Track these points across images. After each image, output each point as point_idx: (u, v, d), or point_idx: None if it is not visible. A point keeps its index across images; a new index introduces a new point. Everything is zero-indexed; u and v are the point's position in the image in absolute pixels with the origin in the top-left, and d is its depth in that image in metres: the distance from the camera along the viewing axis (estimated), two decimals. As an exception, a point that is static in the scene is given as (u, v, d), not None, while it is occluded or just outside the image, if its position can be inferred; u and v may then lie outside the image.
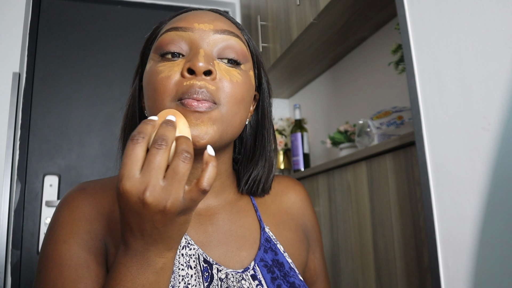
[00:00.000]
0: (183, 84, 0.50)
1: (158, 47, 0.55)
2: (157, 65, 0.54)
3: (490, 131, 0.69)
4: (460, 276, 0.75)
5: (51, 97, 1.90)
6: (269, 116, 0.64)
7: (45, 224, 1.76)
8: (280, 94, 2.30)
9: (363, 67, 1.72)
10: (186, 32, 0.54)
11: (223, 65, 0.54)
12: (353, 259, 1.20)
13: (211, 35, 0.54)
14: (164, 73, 0.52)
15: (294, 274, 0.57)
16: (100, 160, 1.90)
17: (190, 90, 0.50)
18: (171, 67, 0.52)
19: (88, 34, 2.01)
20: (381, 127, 1.21)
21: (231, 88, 0.53)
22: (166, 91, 0.51)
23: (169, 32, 0.55)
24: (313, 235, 0.68)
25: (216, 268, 0.53)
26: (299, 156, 1.74)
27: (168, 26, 0.57)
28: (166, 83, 0.51)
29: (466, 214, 0.74)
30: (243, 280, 0.54)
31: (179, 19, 0.56)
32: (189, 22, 0.55)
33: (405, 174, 0.98)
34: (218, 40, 0.54)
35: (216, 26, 0.55)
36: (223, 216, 0.60)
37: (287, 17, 1.66)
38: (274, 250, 0.58)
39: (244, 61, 0.56)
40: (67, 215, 0.53)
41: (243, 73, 0.55)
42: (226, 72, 0.53)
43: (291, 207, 0.67)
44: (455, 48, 0.77)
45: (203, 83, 0.50)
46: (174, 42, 0.54)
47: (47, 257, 0.50)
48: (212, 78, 0.51)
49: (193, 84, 0.50)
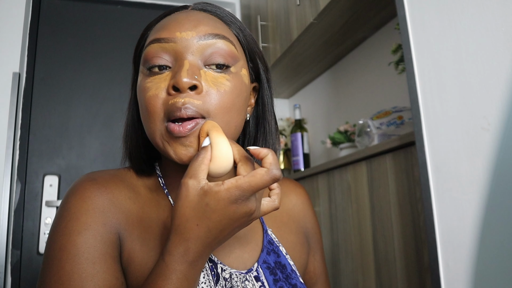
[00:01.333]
0: (168, 102, 0.50)
1: (144, 60, 0.54)
2: (145, 81, 0.53)
3: (490, 131, 0.69)
4: (460, 276, 0.75)
5: (51, 97, 1.90)
6: (270, 108, 0.62)
7: (45, 224, 1.76)
8: (280, 94, 2.30)
9: (363, 67, 1.71)
10: (169, 44, 0.52)
11: (210, 74, 0.52)
12: (353, 259, 1.20)
13: (195, 43, 0.52)
14: (152, 91, 0.51)
15: (295, 276, 0.58)
16: (100, 160, 1.90)
17: (174, 108, 0.49)
18: (158, 83, 0.52)
19: (88, 34, 2.01)
20: (381, 127, 1.21)
21: (219, 99, 0.51)
22: (156, 112, 0.51)
23: (153, 44, 0.53)
24: (313, 238, 0.69)
25: (221, 267, 0.53)
26: (299, 156, 1.74)
27: (152, 36, 0.55)
28: (154, 102, 0.51)
29: (466, 214, 0.74)
30: (247, 281, 0.54)
31: (161, 28, 0.55)
32: (171, 31, 0.53)
33: (405, 174, 0.98)
34: (203, 47, 0.52)
35: (199, 31, 0.53)
36: None
37: (287, 17, 1.66)
38: (277, 252, 0.59)
39: (233, 62, 0.54)
40: (80, 205, 0.51)
41: (233, 77, 0.53)
42: (213, 81, 0.52)
43: (292, 209, 0.67)
44: (455, 48, 0.77)
45: (186, 100, 0.49)
46: (158, 54, 0.53)
47: (60, 248, 0.48)
48: (197, 92, 0.50)
49: (176, 101, 0.49)
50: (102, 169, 0.59)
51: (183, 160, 0.50)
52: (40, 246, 1.73)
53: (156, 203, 0.57)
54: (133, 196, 0.55)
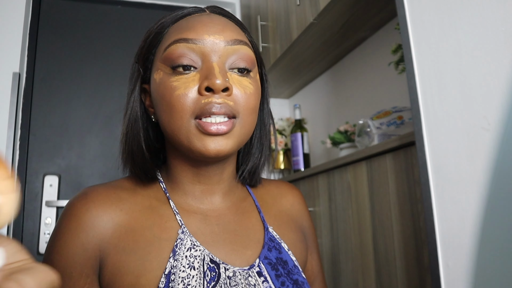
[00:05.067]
0: (201, 101, 0.52)
1: (167, 58, 0.55)
2: (170, 79, 0.54)
3: (490, 131, 0.69)
4: (460, 276, 0.75)
5: (51, 97, 1.90)
6: (268, 111, 0.65)
7: (45, 224, 1.76)
8: (280, 94, 2.30)
9: (363, 67, 1.71)
10: (197, 45, 0.54)
11: (235, 76, 0.55)
12: (353, 259, 1.20)
13: (222, 47, 0.55)
14: (180, 90, 0.53)
15: (298, 271, 0.59)
16: (100, 160, 1.90)
17: (210, 107, 0.52)
18: (186, 83, 0.53)
19: (88, 34, 2.01)
20: (381, 127, 1.21)
21: (246, 100, 0.55)
22: (185, 109, 0.53)
23: (178, 44, 0.55)
24: (310, 237, 0.70)
25: (224, 267, 0.54)
26: (299, 156, 1.74)
27: (176, 35, 0.56)
28: (183, 101, 0.53)
29: (466, 214, 0.74)
30: (250, 277, 0.55)
31: (187, 29, 0.55)
32: (199, 33, 0.55)
33: (405, 174, 0.98)
34: (230, 52, 0.55)
35: (226, 36, 0.55)
36: (228, 217, 0.61)
37: (287, 17, 1.66)
38: (278, 249, 0.60)
39: (252, 67, 0.58)
40: (65, 224, 0.54)
41: (253, 81, 0.57)
42: (239, 84, 0.55)
43: (290, 209, 0.69)
44: (455, 48, 0.77)
45: (222, 100, 0.52)
46: (185, 55, 0.54)
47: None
48: (228, 94, 0.53)
49: (212, 101, 0.52)
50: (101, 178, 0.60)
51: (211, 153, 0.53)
52: (40, 246, 1.73)
53: (153, 210, 0.57)
54: (126, 207, 0.56)
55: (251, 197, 0.66)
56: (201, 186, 0.60)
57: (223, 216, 0.60)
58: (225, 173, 0.61)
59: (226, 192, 0.62)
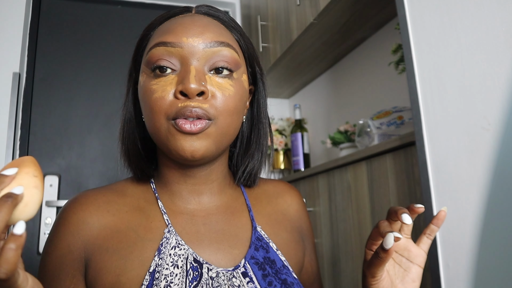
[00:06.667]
0: (178, 105, 0.53)
1: (148, 62, 0.56)
2: (150, 83, 0.55)
3: (490, 131, 0.69)
4: (460, 276, 0.75)
5: (51, 97, 1.90)
6: (264, 110, 0.65)
7: (45, 224, 1.76)
8: (280, 94, 2.30)
9: (363, 67, 1.72)
10: (175, 48, 0.54)
11: (214, 79, 0.55)
12: (353, 259, 1.20)
13: (201, 49, 0.55)
14: (158, 93, 0.54)
15: (287, 271, 0.58)
16: (100, 160, 1.90)
17: (184, 111, 0.52)
18: (163, 86, 0.54)
19: (88, 34, 2.01)
20: (381, 127, 1.21)
21: (224, 102, 0.54)
22: (162, 112, 0.53)
23: (158, 47, 0.55)
24: (308, 239, 0.70)
25: (207, 267, 0.54)
26: (299, 156, 1.74)
27: (157, 38, 0.56)
28: (160, 103, 0.53)
29: (466, 214, 0.74)
30: (234, 278, 0.54)
31: (168, 32, 0.56)
32: (178, 36, 0.55)
33: (405, 174, 0.98)
34: (209, 54, 0.55)
35: (205, 38, 0.55)
36: (216, 217, 0.61)
37: (287, 17, 1.66)
38: (266, 248, 0.59)
39: (236, 68, 0.57)
40: (55, 228, 0.57)
41: (235, 82, 0.56)
42: (218, 86, 0.55)
43: (287, 209, 0.68)
44: (455, 48, 0.77)
45: (196, 104, 0.52)
46: (164, 57, 0.55)
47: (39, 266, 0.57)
48: (204, 97, 0.53)
49: (187, 105, 0.52)
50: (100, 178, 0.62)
51: (187, 153, 0.53)
52: (40, 246, 1.73)
53: (141, 210, 0.59)
54: (113, 209, 0.58)
55: (244, 197, 0.66)
56: (187, 187, 0.61)
57: (210, 216, 0.60)
58: (213, 173, 0.61)
59: (215, 192, 0.62)
